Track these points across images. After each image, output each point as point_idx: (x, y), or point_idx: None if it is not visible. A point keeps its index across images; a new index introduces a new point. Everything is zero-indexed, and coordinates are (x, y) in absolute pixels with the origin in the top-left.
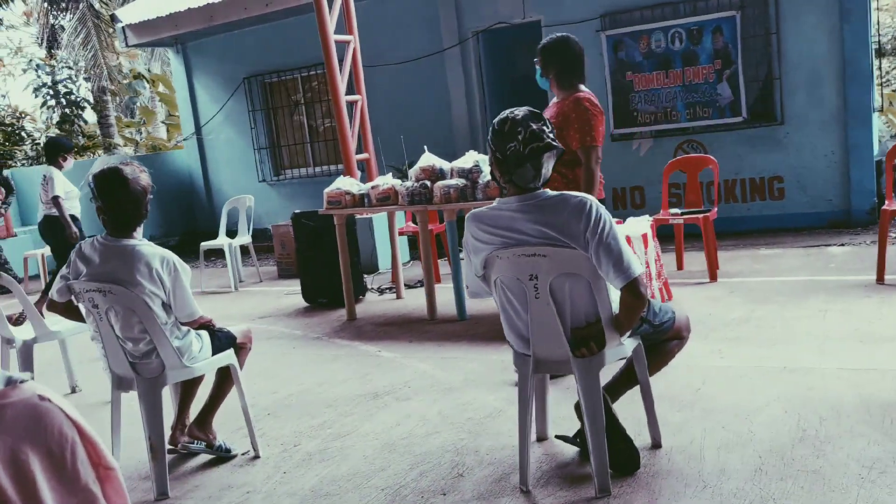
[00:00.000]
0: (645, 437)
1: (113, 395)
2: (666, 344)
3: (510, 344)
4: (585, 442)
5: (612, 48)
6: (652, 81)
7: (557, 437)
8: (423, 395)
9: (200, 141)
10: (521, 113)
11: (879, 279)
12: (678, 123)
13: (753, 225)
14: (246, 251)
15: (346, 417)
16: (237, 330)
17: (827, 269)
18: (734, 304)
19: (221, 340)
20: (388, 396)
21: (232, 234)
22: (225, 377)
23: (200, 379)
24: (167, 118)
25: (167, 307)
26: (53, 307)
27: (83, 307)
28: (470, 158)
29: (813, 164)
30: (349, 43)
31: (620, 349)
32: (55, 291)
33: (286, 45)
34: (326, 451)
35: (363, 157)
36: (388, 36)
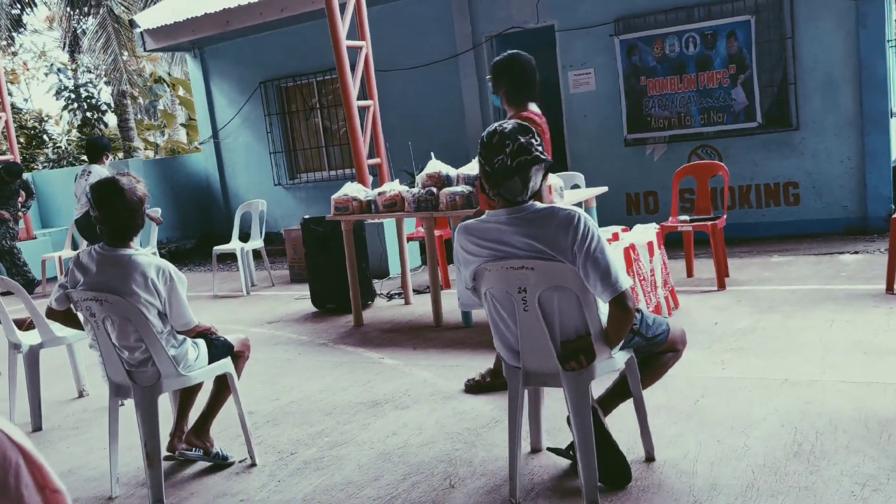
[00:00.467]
0: (639, 449)
1: (111, 402)
2: (660, 356)
3: (500, 356)
4: (577, 455)
5: (625, 53)
6: (666, 86)
7: (549, 449)
8: (421, 403)
9: (217, 145)
10: (509, 126)
11: (889, 289)
12: (692, 129)
13: (768, 231)
14: (259, 255)
15: (344, 426)
16: (234, 338)
17: (837, 277)
18: (740, 313)
19: (218, 349)
20: (387, 405)
21: (245, 237)
22: (222, 385)
23: (199, 386)
24: (187, 121)
25: (163, 316)
26: (53, 315)
27: (81, 315)
28: (476, 165)
29: (829, 169)
30: (361, 49)
31: (611, 362)
32: (54, 300)
33: (302, 49)
34: (322, 459)
35: (375, 161)
36: (402, 41)
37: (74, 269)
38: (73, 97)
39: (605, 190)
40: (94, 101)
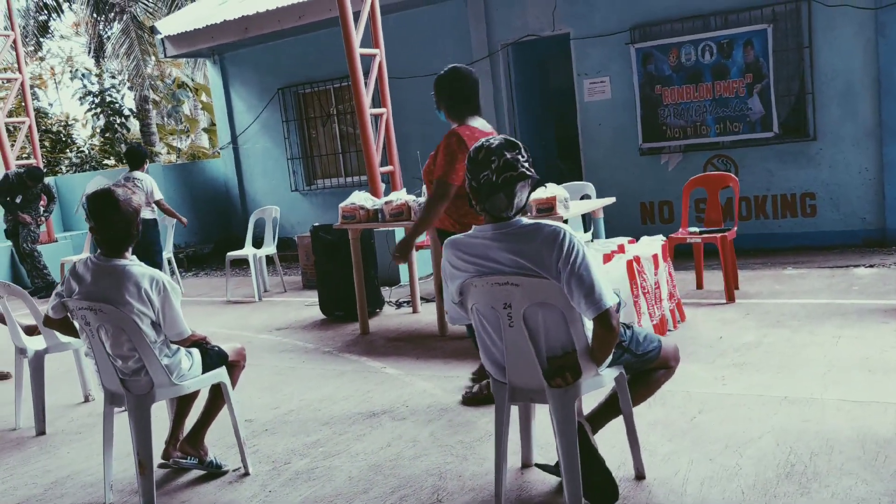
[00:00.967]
0: (630, 466)
1: (105, 409)
2: (652, 373)
3: (487, 371)
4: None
5: (641, 61)
6: (681, 95)
7: (538, 465)
8: (419, 415)
9: (236, 150)
10: (496, 141)
11: None
12: (708, 138)
13: (784, 243)
14: (272, 261)
15: (339, 436)
16: (230, 348)
17: (849, 291)
18: (747, 327)
19: (212, 358)
20: (384, 415)
21: (260, 243)
22: (217, 395)
23: (196, 395)
24: (210, 126)
25: (157, 326)
26: (49, 323)
27: (77, 324)
28: None
29: (846, 180)
30: (375, 56)
31: (598, 379)
32: (51, 308)
33: (319, 56)
34: (315, 470)
35: (388, 169)
36: (418, 48)
37: (70, 278)
38: (96, 102)
39: (612, 201)
40: (116, 105)
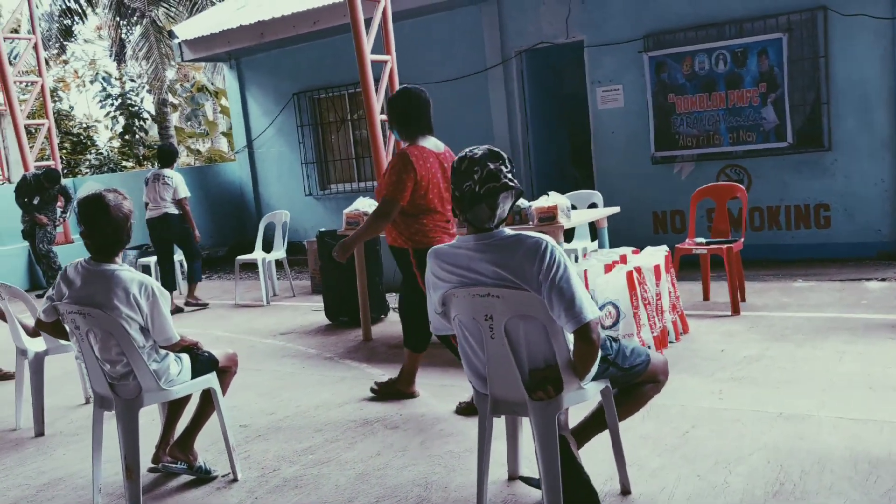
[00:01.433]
0: (616, 481)
1: (95, 413)
2: (640, 387)
3: (470, 383)
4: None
5: (654, 69)
6: (694, 104)
7: (521, 478)
8: (411, 423)
9: (251, 154)
10: (479, 152)
11: None
12: (721, 147)
13: (798, 254)
14: (282, 265)
15: (331, 444)
16: (221, 353)
17: (858, 305)
18: (750, 340)
19: (202, 364)
20: (377, 423)
21: (271, 247)
22: (207, 400)
23: (187, 400)
24: (228, 130)
25: (145, 331)
26: (41, 326)
27: (68, 327)
28: None
29: (862, 192)
30: (387, 63)
31: (581, 393)
32: (42, 311)
33: (335, 62)
34: (303, 477)
35: None
36: (433, 54)
37: (60, 282)
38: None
39: (616, 210)
40: (135, 108)
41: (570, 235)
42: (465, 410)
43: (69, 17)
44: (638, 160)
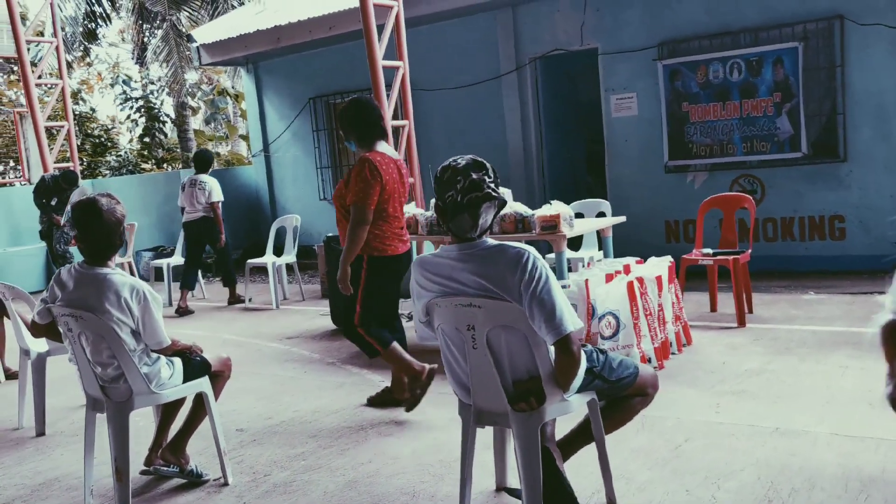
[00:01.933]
0: (603, 494)
1: (87, 415)
2: (627, 400)
3: (455, 393)
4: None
5: (668, 77)
6: (708, 113)
7: (505, 489)
8: (405, 431)
9: (268, 158)
10: (462, 161)
11: None
12: (734, 157)
13: (811, 266)
14: (293, 269)
15: (323, 450)
16: (215, 358)
17: (867, 319)
18: (753, 353)
19: (195, 368)
20: (371, 430)
21: (282, 251)
22: (200, 404)
23: (180, 403)
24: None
25: (136, 335)
26: (36, 328)
27: (61, 329)
28: None
29: (877, 203)
30: (399, 68)
31: (564, 405)
32: (36, 314)
33: (350, 67)
34: (292, 483)
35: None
36: (448, 60)
37: (54, 284)
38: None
39: (622, 220)
40: (155, 111)
41: (578, 244)
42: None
43: (93, 20)
44: (651, 169)
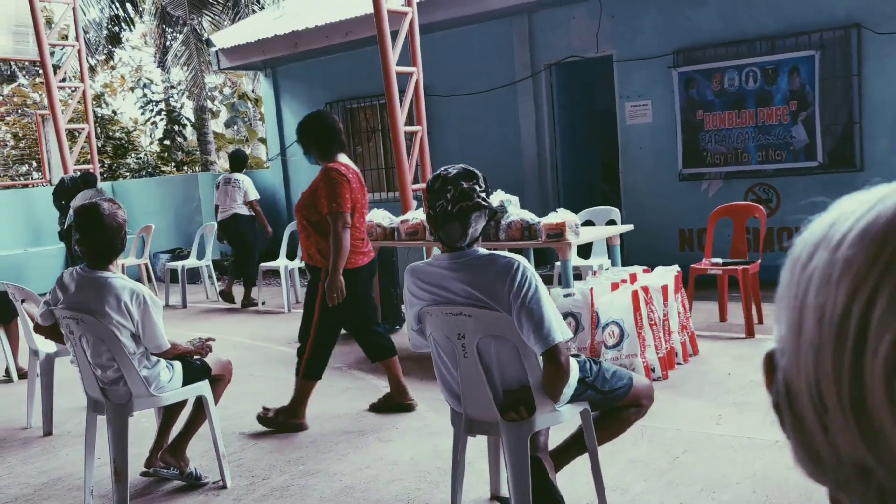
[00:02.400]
0: None
1: (88, 416)
2: (622, 411)
3: (446, 401)
4: None
5: (683, 85)
6: (723, 121)
7: (496, 498)
8: (405, 437)
9: (285, 162)
10: (453, 171)
11: None
12: (749, 166)
13: None
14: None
15: (323, 454)
16: (216, 362)
17: None
18: (759, 365)
19: (195, 371)
20: (372, 436)
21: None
22: (200, 408)
23: (182, 406)
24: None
25: (136, 338)
26: (39, 330)
27: (63, 332)
28: (496, 198)
29: None
30: (412, 74)
31: (555, 415)
32: (39, 315)
33: (366, 72)
34: (290, 487)
35: (420, 186)
36: (463, 66)
37: (56, 287)
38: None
39: (630, 228)
40: (175, 114)
41: (588, 252)
42: (263, 420)
43: (117, 24)
44: (665, 176)
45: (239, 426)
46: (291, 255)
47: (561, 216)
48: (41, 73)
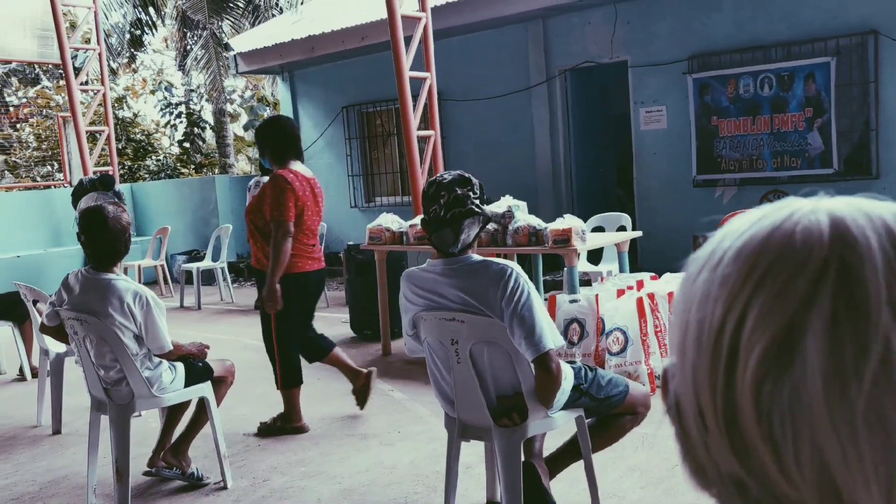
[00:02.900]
0: None
1: (91, 416)
2: (618, 419)
3: (441, 406)
4: None
5: (697, 91)
6: (738, 127)
7: (492, 503)
8: (407, 441)
9: None
10: (449, 177)
11: None
12: (764, 172)
13: None
14: None
15: (324, 457)
16: (219, 364)
17: None
18: None
19: (197, 373)
20: (374, 439)
21: None
22: (202, 409)
23: (185, 406)
24: None
25: (139, 339)
26: (45, 330)
27: (68, 332)
28: (504, 203)
29: None
30: (426, 79)
31: (547, 421)
32: (45, 316)
33: (382, 77)
34: (289, 489)
35: None
36: (478, 71)
37: (62, 288)
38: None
39: (639, 234)
40: (194, 117)
41: (598, 258)
42: (264, 431)
43: (140, 27)
44: (679, 183)
45: (244, 427)
46: None
47: (567, 222)
48: (64, 75)
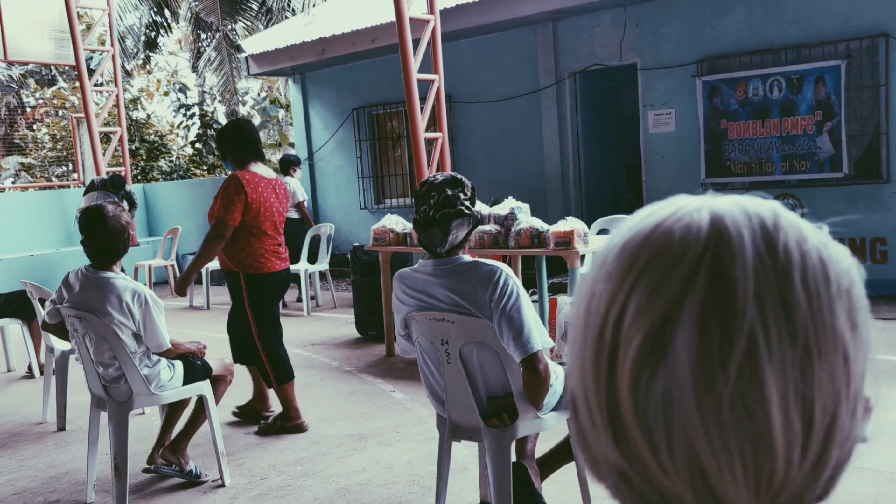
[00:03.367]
0: None
1: (91, 413)
2: None
3: (432, 405)
4: None
5: (707, 94)
6: (747, 130)
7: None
8: (405, 441)
9: (311, 167)
10: (440, 178)
11: None
12: (773, 176)
13: None
14: (325, 276)
15: (322, 456)
16: (218, 362)
17: (894, 347)
18: None
19: (196, 371)
20: (372, 439)
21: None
22: (201, 407)
23: (185, 404)
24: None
25: (138, 337)
26: (47, 328)
27: (68, 330)
28: (507, 205)
29: None
30: (433, 82)
31: (538, 422)
32: (46, 314)
33: (392, 79)
34: (285, 488)
35: None
36: (487, 74)
37: (62, 286)
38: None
39: None
40: (207, 118)
41: None
42: (264, 431)
43: (154, 29)
44: (688, 186)
45: (245, 426)
46: (312, 258)
47: (570, 224)
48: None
